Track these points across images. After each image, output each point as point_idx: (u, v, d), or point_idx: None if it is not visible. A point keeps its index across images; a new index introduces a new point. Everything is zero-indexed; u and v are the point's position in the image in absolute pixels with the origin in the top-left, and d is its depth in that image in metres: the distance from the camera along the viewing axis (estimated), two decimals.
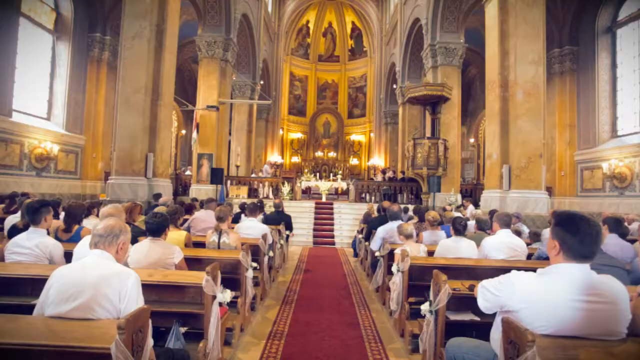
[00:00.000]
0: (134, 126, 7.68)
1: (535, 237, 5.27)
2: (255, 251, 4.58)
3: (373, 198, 12.74)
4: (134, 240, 3.34)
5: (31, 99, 10.73)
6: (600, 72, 11.49)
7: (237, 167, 14.02)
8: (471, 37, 13.52)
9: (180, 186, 13.36)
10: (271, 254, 4.80)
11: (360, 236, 6.93)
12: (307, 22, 24.38)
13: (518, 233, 5.26)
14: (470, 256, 3.83)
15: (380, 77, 21.60)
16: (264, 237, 4.66)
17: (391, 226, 4.78)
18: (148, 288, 2.71)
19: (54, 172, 11.07)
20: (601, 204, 10.77)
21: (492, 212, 6.39)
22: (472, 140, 18.91)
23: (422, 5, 13.29)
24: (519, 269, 3.63)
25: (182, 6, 14.55)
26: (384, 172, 15.70)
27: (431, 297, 2.80)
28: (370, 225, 6.01)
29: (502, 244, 3.83)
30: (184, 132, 15.98)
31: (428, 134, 12.25)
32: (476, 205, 11.00)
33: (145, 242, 2.89)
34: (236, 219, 6.99)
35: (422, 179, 11.55)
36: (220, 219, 3.85)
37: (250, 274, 3.66)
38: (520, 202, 7.48)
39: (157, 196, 7.13)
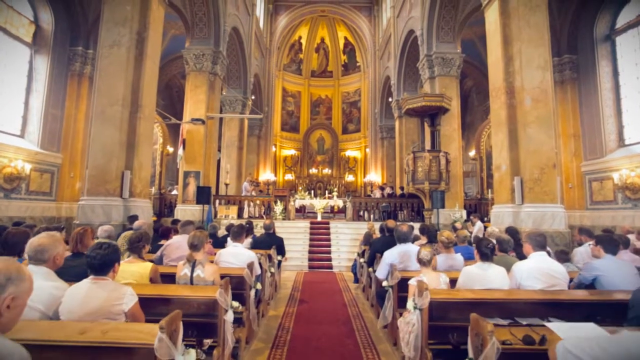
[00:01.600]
0: (110, 140, 6.96)
1: (562, 256, 4.56)
2: (240, 283, 3.82)
3: (372, 216, 12.03)
4: (85, 276, 2.60)
5: (4, 115, 9.99)
6: (602, 80, 11.15)
7: (227, 185, 13.28)
8: (466, 48, 13.24)
9: (166, 207, 12.55)
10: (259, 286, 4.04)
11: (361, 260, 6.18)
12: (300, 37, 24.26)
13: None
14: (501, 286, 3.12)
15: (374, 91, 21.32)
16: (251, 266, 3.91)
17: (400, 250, 4.07)
18: (79, 352, 1.94)
19: (25, 193, 10.21)
20: (614, 217, 10.19)
21: (508, 230, 5.73)
22: (471, 153, 18.44)
23: (416, 17, 13.04)
24: (565, 302, 2.93)
25: (170, 20, 14.21)
26: (382, 188, 15.05)
27: (470, 353, 2.08)
28: (373, 248, 5.29)
29: (539, 270, 3.13)
30: (171, 149, 15.28)
31: (427, 147, 11.70)
32: (482, 221, 10.37)
33: (83, 284, 2.14)
34: (223, 243, 6.24)
35: (424, 195, 10.90)
36: (194, 246, 3.11)
37: (230, 316, 2.90)
38: (535, 217, 6.83)
39: (133, 219, 6.35)
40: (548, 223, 6.83)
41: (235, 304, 2.95)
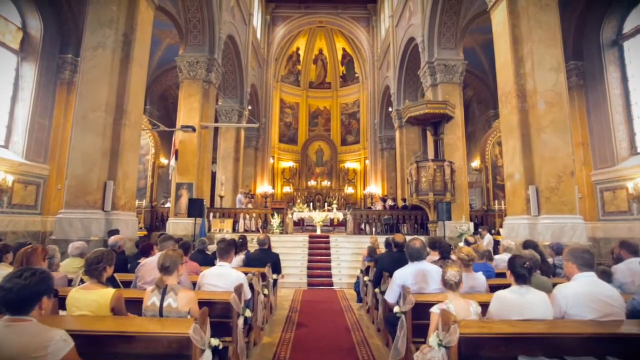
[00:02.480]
0: (92, 148, 6.42)
1: (604, 277, 3.76)
2: (226, 310, 3.23)
3: (374, 229, 11.43)
4: None
5: None
6: (611, 87, 10.76)
7: (222, 198, 12.70)
8: (467, 57, 12.88)
9: (157, 220, 11.94)
10: (248, 313, 3.43)
11: (366, 279, 5.58)
12: (298, 49, 24.09)
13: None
14: (545, 316, 2.54)
15: (374, 102, 21.01)
16: (239, 289, 3.31)
17: (414, 269, 3.49)
18: None
19: (7, 207, 9.61)
20: (631, 229, 9.62)
21: (528, 244, 5.16)
22: (473, 164, 17.99)
23: (417, 24, 12.76)
24: (628, 337, 2.34)
25: (166, 29, 13.89)
26: (384, 199, 14.49)
27: None
28: (380, 265, 4.69)
29: (589, 295, 2.56)
30: (166, 161, 14.77)
31: (431, 156, 11.22)
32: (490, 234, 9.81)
33: None
34: (213, 261, 5.65)
35: (428, 207, 10.34)
36: (165, 269, 2.52)
37: (207, 358, 2.30)
38: (554, 229, 6.27)
39: (113, 233, 5.77)
40: (568, 236, 6.26)
41: (215, 341, 2.36)
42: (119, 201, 6.71)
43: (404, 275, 3.48)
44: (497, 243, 10.46)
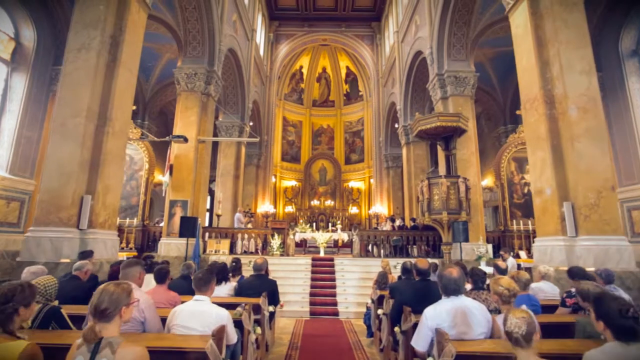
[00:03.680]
0: (69, 158, 5.71)
1: None
2: None
3: (382, 251, 10.52)
4: None
5: None
6: (633, 98, 10.12)
7: (219, 216, 11.90)
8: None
9: (149, 240, 11.11)
10: None
11: (380, 311, 4.68)
12: (301, 67, 23.88)
13: None
14: None
15: (378, 120, 20.48)
16: (219, 334, 2.48)
17: (451, 307, 2.64)
18: None
19: None
20: None
21: (574, 272, 4.28)
22: (484, 182, 17.19)
23: (424, 37, 12.32)
24: None
25: (166, 43, 13.54)
26: (392, 219, 13.63)
27: None
28: (399, 297, 3.83)
29: None
30: (162, 177, 14.09)
31: (442, 172, 10.47)
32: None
33: None
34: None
35: (441, 226, 9.47)
36: (100, 314, 1.71)
37: None
38: (597, 253, 5.40)
39: (85, 255, 4.97)
40: (614, 260, 5.38)
41: None
42: (98, 218, 5.94)
43: (438, 315, 2.63)
44: (518, 267, 9.53)
